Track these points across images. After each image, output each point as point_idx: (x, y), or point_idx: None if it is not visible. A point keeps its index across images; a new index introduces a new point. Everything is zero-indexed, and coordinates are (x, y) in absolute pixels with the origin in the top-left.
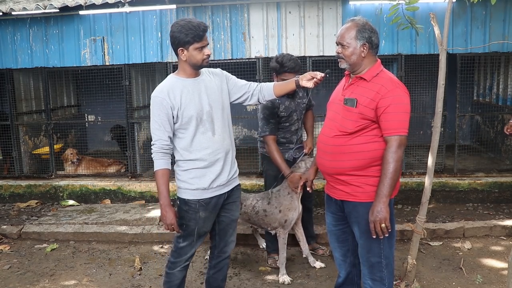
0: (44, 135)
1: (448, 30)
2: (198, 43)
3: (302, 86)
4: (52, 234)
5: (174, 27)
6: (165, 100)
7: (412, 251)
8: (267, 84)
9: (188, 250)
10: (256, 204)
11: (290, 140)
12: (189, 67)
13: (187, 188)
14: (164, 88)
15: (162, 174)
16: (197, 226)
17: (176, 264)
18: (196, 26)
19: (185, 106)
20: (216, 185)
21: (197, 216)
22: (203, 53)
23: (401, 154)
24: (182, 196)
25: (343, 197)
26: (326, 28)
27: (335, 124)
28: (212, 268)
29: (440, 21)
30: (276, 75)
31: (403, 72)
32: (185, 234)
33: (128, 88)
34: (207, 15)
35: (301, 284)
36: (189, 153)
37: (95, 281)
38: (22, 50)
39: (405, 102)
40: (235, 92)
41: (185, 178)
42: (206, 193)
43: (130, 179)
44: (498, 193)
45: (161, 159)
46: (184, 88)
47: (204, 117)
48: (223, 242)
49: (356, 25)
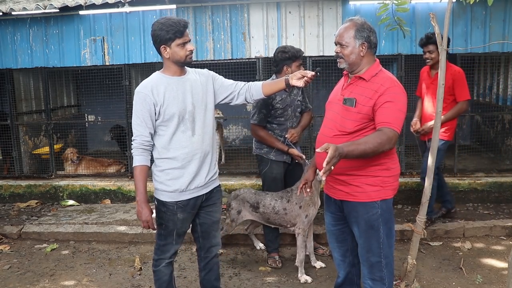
0: (44, 135)
1: (448, 30)
2: (179, 39)
3: (292, 85)
4: (52, 234)
5: (155, 26)
6: (148, 96)
7: (412, 251)
8: (255, 83)
9: (170, 248)
10: (276, 204)
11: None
12: (173, 64)
13: (165, 190)
14: (148, 84)
15: (141, 170)
16: (175, 227)
17: (160, 261)
18: (176, 23)
19: (168, 103)
20: (193, 187)
21: (175, 217)
22: (185, 49)
23: (384, 144)
24: (159, 198)
25: (342, 197)
26: (326, 28)
27: (335, 124)
28: (202, 270)
29: (440, 21)
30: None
31: (403, 72)
32: (164, 233)
33: (128, 88)
34: (207, 15)
35: (301, 284)
36: (166, 151)
37: (95, 281)
38: (22, 50)
39: (402, 100)
40: (222, 92)
41: (162, 179)
42: (184, 195)
43: (130, 179)
44: (498, 193)
45: (141, 155)
46: (169, 85)
47: (186, 116)
48: (208, 243)
49: (354, 24)
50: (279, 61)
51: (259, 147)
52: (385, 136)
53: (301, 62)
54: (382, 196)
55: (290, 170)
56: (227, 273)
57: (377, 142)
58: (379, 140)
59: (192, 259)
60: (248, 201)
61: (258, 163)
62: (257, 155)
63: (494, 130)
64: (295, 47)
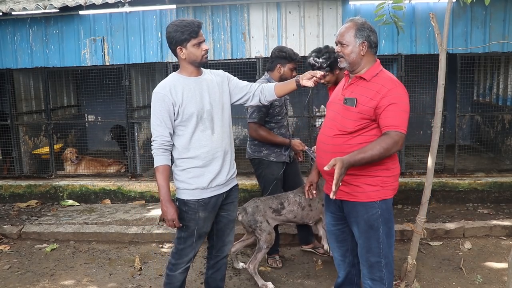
0: (44, 135)
1: (448, 30)
2: (195, 39)
3: (302, 85)
4: (52, 234)
5: (169, 28)
6: (167, 97)
7: (412, 251)
8: (268, 85)
9: (189, 251)
10: (300, 200)
11: (284, 136)
12: (189, 65)
13: (186, 188)
14: (166, 85)
15: (163, 170)
16: (196, 227)
17: (177, 266)
18: (190, 23)
19: (186, 103)
20: (215, 185)
21: (196, 216)
22: (201, 49)
23: (390, 148)
24: (181, 197)
25: (342, 196)
26: (326, 28)
27: (335, 124)
28: (210, 268)
29: (440, 21)
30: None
31: (403, 72)
32: (185, 235)
33: (128, 88)
34: (207, 15)
35: (301, 284)
36: (187, 151)
37: (95, 281)
38: (22, 50)
39: (405, 101)
40: (237, 93)
41: (183, 178)
42: (205, 192)
43: (130, 179)
44: (498, 193)
45: (162, 155)
46: (186, 86)
47: (204, 115)
48: (221, 242)
49: (355, 24)
50: (274, 58)
51: (257, 150)
52: (391, 140)
53: (295, 66)
54: (382, 196)
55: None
56: (227, 273)
57: (383, 147)
58: (385, 145)
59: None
60: (271, 207)
61: (256, 167)
62: (254, 159)
63: (494, 130)
64: (294, 51)
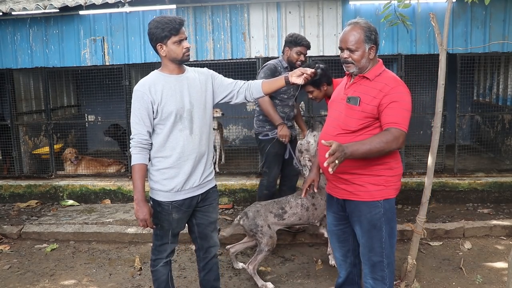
0: (44, 135)
1: (448, 30)
2: (175, 36)
3: (291, 82)
4: (52, 234)
5: (151, 24)
6: (145, 95)
7: (412, 251)
8: (255, 82)
9: (166, 247)
10: (302, 201)
11: (288, 116)
12: (170, 62)
13: (160, 190)
14: (146, 83)
15: (139, 168)
16: (170, 227)
17: (158, 261)
18: (171, 20)
19: (166, 101)
20: (188, 187)
21: (170, 217)
22: (182, 47)
23: (390, 143)
24: (155, 198)
25: (345, 196)
26: (326, 28)
27: (338, 123)
28: (202, 270)
29: (440, 21)
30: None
31: (403, 72)
32: (160, 233)
33: (128, 88)
34: (207, 15)
35: (301, 284)
36: (163, 149)
37: (95, 281)
38: (22, 50)
39: (407, 100)
40: (221, 91)
41: (158, 179)
42: (179, 194)
43: (130, 179)
44: (498, 193)
45: (138, 154)
46: (166, 83)
47: (184, 115)
48: (206, 243)
49: (361, 28)
50: (285, 42)
51: (261, 126)
52: (391, 135)
53: (301, 50)
54: (385, 196)
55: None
56: (227, 273)
57: (382, 141)
58: (385, 139)
59: (192, 259)
60: (272, 211)
61: (259, 141)
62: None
63: (494, 130)
64: (304, 37)
